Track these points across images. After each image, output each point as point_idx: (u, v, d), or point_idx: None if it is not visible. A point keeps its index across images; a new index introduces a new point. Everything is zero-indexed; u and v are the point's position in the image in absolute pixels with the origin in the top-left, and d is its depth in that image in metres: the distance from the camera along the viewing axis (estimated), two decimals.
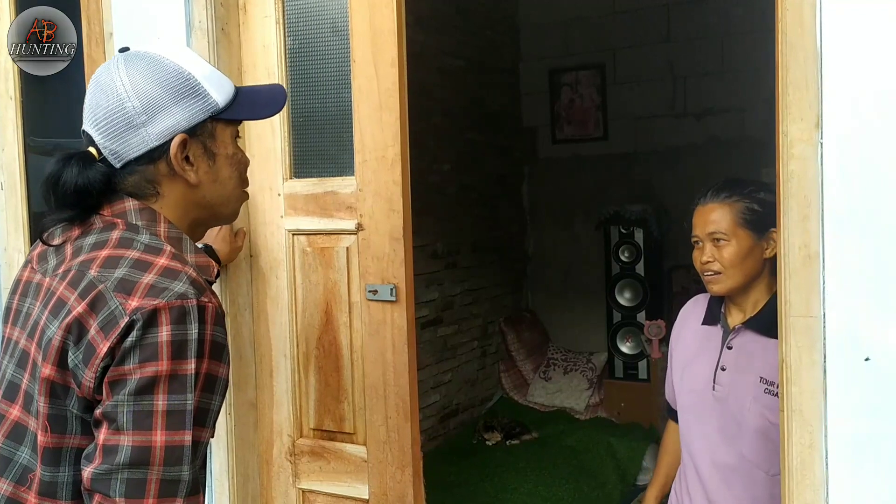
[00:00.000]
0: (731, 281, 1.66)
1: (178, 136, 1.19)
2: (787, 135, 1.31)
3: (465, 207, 4.62)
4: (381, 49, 1.83)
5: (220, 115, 1.24)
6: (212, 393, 1.11)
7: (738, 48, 4.49)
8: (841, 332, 1.29)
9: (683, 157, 4.80)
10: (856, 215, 1.27)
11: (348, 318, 1.95)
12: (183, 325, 1.07)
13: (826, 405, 1.30)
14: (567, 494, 3.76)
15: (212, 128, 1.24)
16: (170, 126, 1.18)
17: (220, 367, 1.12)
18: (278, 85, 1.43)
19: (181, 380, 1.06)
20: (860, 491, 1.29)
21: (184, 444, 1.06)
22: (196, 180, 1.22)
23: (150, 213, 1.21)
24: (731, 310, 1.74)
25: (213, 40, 1.97)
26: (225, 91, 1.25)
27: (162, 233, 1.20)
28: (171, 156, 1.19)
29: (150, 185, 1.21)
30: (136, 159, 1.19)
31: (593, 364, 4.90)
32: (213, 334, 1.10)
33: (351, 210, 1.91)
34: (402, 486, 1.89)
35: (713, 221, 1.68)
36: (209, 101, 1.22)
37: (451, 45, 4.47)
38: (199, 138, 1.22)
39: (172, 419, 1.06)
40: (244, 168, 1.31)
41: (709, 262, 1.68)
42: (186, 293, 1.09)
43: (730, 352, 1.70)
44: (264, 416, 2.10)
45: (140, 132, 1.17)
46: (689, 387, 1.77)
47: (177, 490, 1.06)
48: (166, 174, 1.21)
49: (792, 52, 1.30)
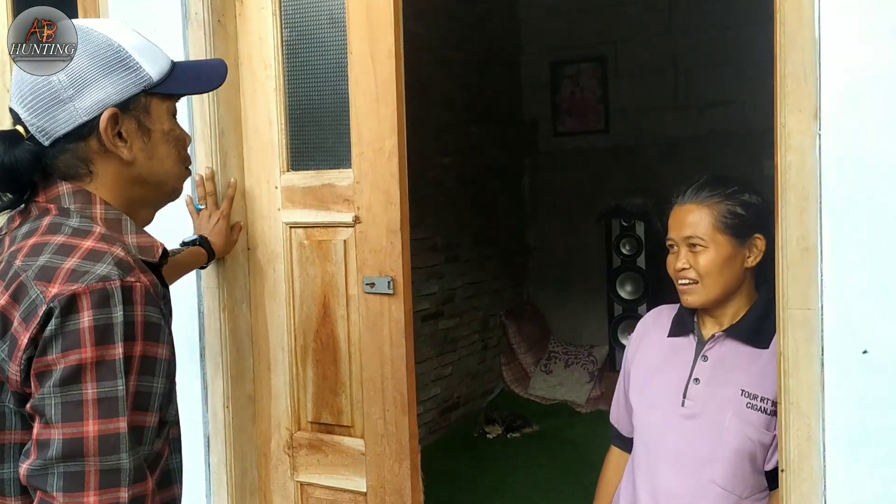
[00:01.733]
0: (708, 292, 1.50)
1: (108, 110, 1.13)
2: (786, 126, 1.30)
3: (465, 200, 4.61)
4: (378, 40, 1.82)
5: (155, 90, 1.18)
6: (152, 375, 1.06)
7: (741, 40, 4.47)
8: (839, 324, 1.28)
9: (685, 150, 4.79)
10: (854, 207, 1.26)
11: (346, 311, 1.94)
12: (106, 308, 1.02)
13: (824, 398, 1.30)
14: (568, 487, 3.76)
15: (146, 102, 1.17)
16: (99, 100, 1.12)
17: (159, 347, 1.07)
18: (219, 60, 1.37)
19: (109, 365, 1.02)
20: (858, 483, 1.28)
21: (119, 432, 1.01)
22: (130, 157, 1.16)
23: (85, 195, 1.15)
24: (706, 320, 1.58)
25: (209, 32, 1.96)
26: (159, 64, 1.19)
27: (98, 215, 1.15)
28: (101, 131, 1.13)
29: (82, 164, 1.15)
30: (66, 136, 1.13)
31: (594, 357, 4.90)
32: (144, 315, 1.05)
33: (348, 203, 1.90)
34: (400, 479, 1.89)
35: (690, 224, 1.51)
36: (141, 74, 1.15)
37: (452, 37, 4.46)
38: (132, 113, 1.16)
39: (104, 407, 1.01)
40: (182, 145, 1.25)
41: (684, 270, 1.52)
42: (109, 275, 1.04)
43: (705, 363, 1.54)
44: (262, 409, 2.09)
45: (67, 107, 1.11)
46: (649, 403, 1.60)
47: (119, 479, 1.02)
48: (98, 151, 1.15)
49: (790, 44, 1.29)
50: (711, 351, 1.55)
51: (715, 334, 1.55)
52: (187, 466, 1.36)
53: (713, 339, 1.55)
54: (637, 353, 1.68)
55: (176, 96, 1.23)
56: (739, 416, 1.47)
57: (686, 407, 1.53)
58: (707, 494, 1.48)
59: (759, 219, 1.48)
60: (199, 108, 1.99)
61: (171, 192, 1.27)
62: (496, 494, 3.69)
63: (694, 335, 1.59)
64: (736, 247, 1.50)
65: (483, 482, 3.80)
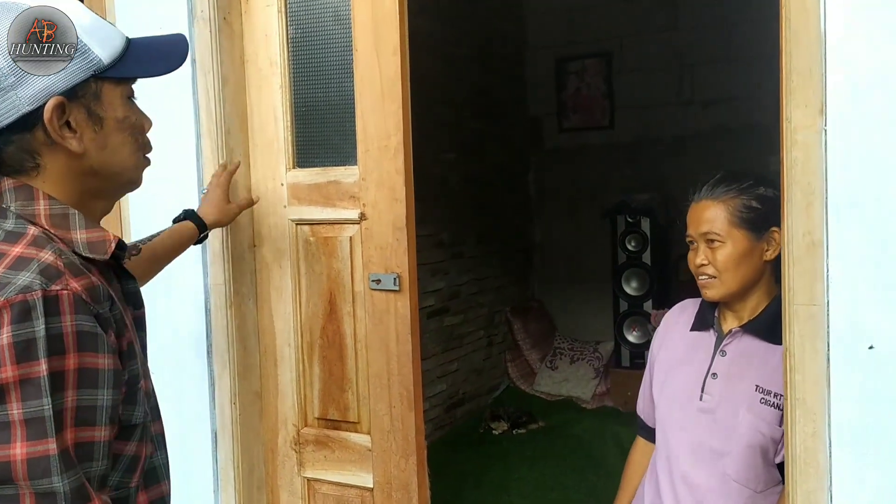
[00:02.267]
0: (727, 286, 1.53)
1: (53, 98, 1.04)
2: (791, 121, 1.30)
3: (470, 197, 4.61)
4: (384, 38, 1.82)
5: (106, 74, 1.09)
6: (95, 388, 0.99)
7: (746, 35, 4.45)
8: (845, 320, 1.28)
9: (690, 146, 4.78)
10: (859, 202, 1.26)
11: (352, 307, 1.95)
12: (27, 322, 0.94)
13: (830, 393, 1.30)
14: (574, 483, 3.76)
15: (96, 88, 1.09)
16: (43, 88, 1.03)
17: (99, 357, 0.99)
18: (180, 34, 1.26)
19: (34, 383, 0.94)
20: (863, 478, 1.28)
21: (48, 454, 0.94)
22: (79, 148, 1.08)
23: (27, 191, 1.07)
24: (726, 315, 1.61)
25: (215, 29, 1.97)
26: (111, 46, 1.09)
27: (41, 212, 1.07)
28: (45, 122, 1.04)
29: (28, 157, 1.07)
30: (10, 127, 1.04)
31: (600, 353, 4.90)
32: (75, 325, 0.97)
33: (354, 199, 1.90)
34: (407, 474, 1.90)
35: (707, 220, 1.54)
36: (90, 57, 1.07)
37: (456, 33, 4.45)
38: (81, 101, 1.07)
39: (31, 428, 0.94)
40: (139, 131, 1.16)
41: (703, 265, 1.55)
42: (31, 285, 0.96)
43: (723, 358, 1.56)
44: (269, 405, 2.10)
45: (9, 96, 1.03)
46: (670, 396, 1.63)
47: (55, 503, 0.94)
48: (46, 143, 1.06)
49: (795, 39, 1.29)
50: (730, 346, 1.57)
51: (732, 329, 1.56)
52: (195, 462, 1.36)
53: (731, 334, 1.57)
54: (661, 346, 1.72)
55: (131, 79, 1.14)
56: (752, 411, 1.49)
57: (703, 401, 1.55)
58: (722, 487, 1.51)
59: (776, 212, 1.48)
60: (204, 105, 2.00)
61: (127, 183, 1.19)
62: (502, 490, 3.69)
63: (714, 330, 1.61)
64: (753, 241, 1.51)
65: (488, 478, 3.81)
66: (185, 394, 2.07)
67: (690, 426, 1.56)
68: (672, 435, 1.60)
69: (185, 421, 2.04)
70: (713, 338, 1.60)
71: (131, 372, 1.09)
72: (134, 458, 1.10)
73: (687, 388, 1.59)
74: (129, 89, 1.15)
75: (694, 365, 1.60)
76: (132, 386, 1.09)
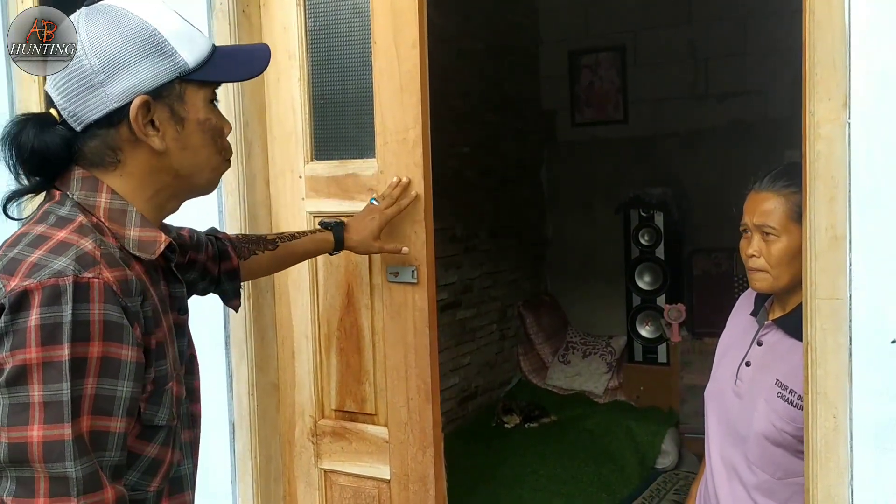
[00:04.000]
0: (776, 280, 1.52)
1: (140, 97, 1.08)
2: (815, 115, 1.29)
3: (484, 191, 4.61)
4: (402, 30, 1.82)
5: (190, 76, 1.13)
6: (115, 378, 1.00)
7: (761, 29, 4.43)
8: (867, 314, 1.28)
9: (705, 140, 4.76)
10: (883, 196, 1.25)
11: (370, 300, 1.95)
12: (56, 306, 0.97)
13: (851, 388, 1.29)
14: (586, 477, 3.77)
15: (180, 90, 1.13)
16: (131, 86, 1.08)
17: (123, 348, 1.01)
18: (263, 45, 1.31)
19: (56, 367, 0.96)
20: (885, 473, 1.28)
21: (63, 439, 0.95)
22: (161, 146, 1.12)
23: (92, 182, 1.11)
24: (775, 306, 1.61)
25: (233, 22, 1.97)
26: (197, 50, 1.14)
27: (101, 204, 1.10)
28: (131, 119, 1.08)
29: (111, 152, 1.11)
30: (97, 122, 1.09)
31: (612, 348, 4.89)
32: (102, 314, 0.99)
33: (372, 192, 1.91)
34: (424, 466, 1.90)
35: (765, 212, 1.51)
36: (177, 60, 1.11)
37: (471, 27, 4.45)
38: (165, 101, 1.11)
39: (49, 412, 0.96)
40: (219, 134, 1.19)
41: (754, 257, 1.54)
42: (65, 270, 0.98)
43: (759, 348, 1.59)
44: (286, 396, 2.11)
45: (98, 93, 1.07)
46: (717, 375, 1.70)
47: (67, 489, 0.96)
48: (129, 139, 1.11)
49: (819, 31, 1.29)
50: (766, 337, 1.59)
51: (768, 322, 1.59)
52: (213, 453, 1.36)
53: (766, 326, 1.60)
54: (727, 327, 1.77)
55: (214, 83, 1.18)
56: (770, 403, 1.52)
57: (737, 386, 1.61)
58: (747, 469, 1.57)
59: None
60: (223, 97, 1.98)
61: (205, 185, 1.22)
62: (514, 484, 3.70)
63: (758, 319, 1.63)
64: None
65: (501, 472, 3.82)
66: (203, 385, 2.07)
67: (727, 406, 1.62)
68: (712, 412, 1.67)
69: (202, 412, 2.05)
70: (756, 326, 1.63)
71: (159, 372, 1.10)
72: (155, 461, 1.11)
73: (730, 369, 1.64)
74: (212, 93, 1.18)
75: (738, 350, 1.64)
76: (159, 386, 1.10)
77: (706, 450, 1.72)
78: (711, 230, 4.66)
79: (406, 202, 1.82)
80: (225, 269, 1.60)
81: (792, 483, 1.50)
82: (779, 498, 1.54)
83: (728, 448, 1.62)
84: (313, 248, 1.77)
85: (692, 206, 4.80)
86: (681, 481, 3.98)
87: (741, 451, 1.58)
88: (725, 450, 1.63)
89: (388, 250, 1.82)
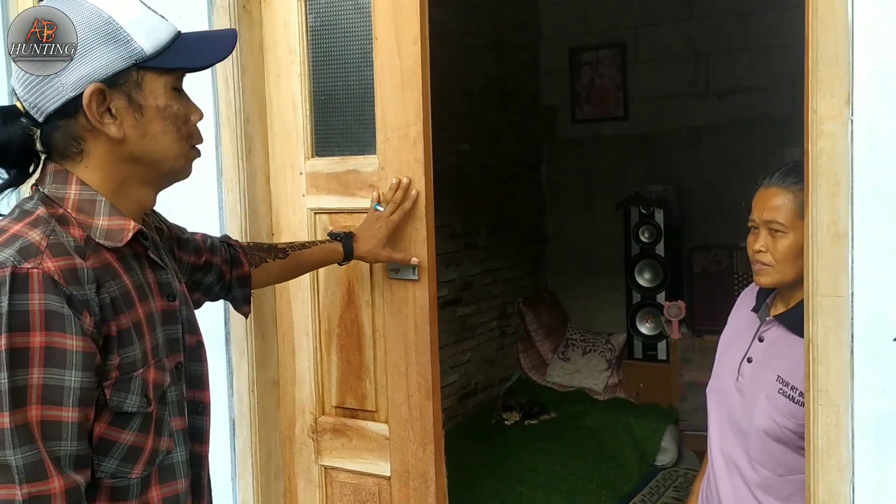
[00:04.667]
0: (781, 276, 1.53)
1: (93, 85, 1.08)
2: (817, 111, 1.29)
3: (484, 187, 4.61)
4: (404, 26, 1.81)
5: (147, 63, 1.12)
6: (62, 368, 1.01)
7: (762, 26, 4.43)
8: (869, 311, 1.27)
9: (705, 137, 4.76)
10: (886, 193, 1.25)
11: (370, 296, 1.95)
12: None
13: (853, 385, 1.29)
14: (585, 474, 3.77)
15: (138, 77, 1.12)
16: (84, 75, 1.08)
17: (67, 338, 1.01)
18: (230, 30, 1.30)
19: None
20: (886, 471, 1.28)
21: (3, 428, 0.97)
22: (118, 134, 1.12)
23: (63, 175, 1.12)
24: (778, 302, 1.62)
25: (234, 17, 1.97)
26: (156, 37, 1.13)
27: (70, 196, 1.11)
28: (84, 107, 1.09)
29: (74, 143, 1.12)
30: (56, 113, 1.10)
31: (612, 345, 4.90)
32: (43, 304, 1.00)
33: (373, 189, 1.90)
34: (424, 463, 1.90)
35: (773, 208, 1.51)
36: (132, 47, 1.10)
37: (471, 23, 4.44)
38: (122, 88, 1.11)
39: None
40: (182, 122, 1.18)
41: (761, 252, 1.54)
42: (5, 262, 1.00)
43: (760, 344, 1.60)
44: (286, 393, 2.11)
45: (54, 82, 1.08)
46: (718, 371, 1.71)
47: (10, 476, 0.97)
48: (88, 129, 1.11)
49: (822, 27, 1.28)
50: (767, 333, 1.60)
51: (769, 318, 1.59)
52: (213, 449, 1.37)
53: (767, 322, 1.60)
54: (728, 322, 1.77)
55: (175, 70, 1.17)
56: (771, 399, 1.53)
57: (738, 382, 1.61)
58: (748, 464, 1.58)
59: None
60: (223, 93, 2.00)
61: (170, 172, 1.21)
62: (514, 480, 3.70)
63: (759, 315, 1.64)
64: None
65: (501, 468, 3.82)
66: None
67: (729, 402, 1.63)
68: (715, 408, 1.68)
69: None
70: (758, 322, 1.64)
71: (124, 359, 1.10)
72: (133, 448, 1.11)
73: (732, 365, 1.64)
74: (175, 80, 1.17)
75: (739, 346, 1.65)
76: (124, 373, 1.10)
77: (708, 446, 1.73)
78: (711, 227, 4.67)
79: (409, 205, 1.81)
80: (236, 276, 1.63)
81: (793, 480, 1.51)
82: (780, 494, 1.55)
83: (729, 444, 1.63)
84: (322, 258, 1.79)
85: (692, 204, 4.80)
86: (680, 478, 3.98)
87: (742, 448, 1.59)
88: (727, 446, 1.63)
89: (398, 260, 1.83)
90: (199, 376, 1.31)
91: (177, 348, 1.24)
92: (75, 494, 1.02)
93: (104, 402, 1.07)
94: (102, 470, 1.08)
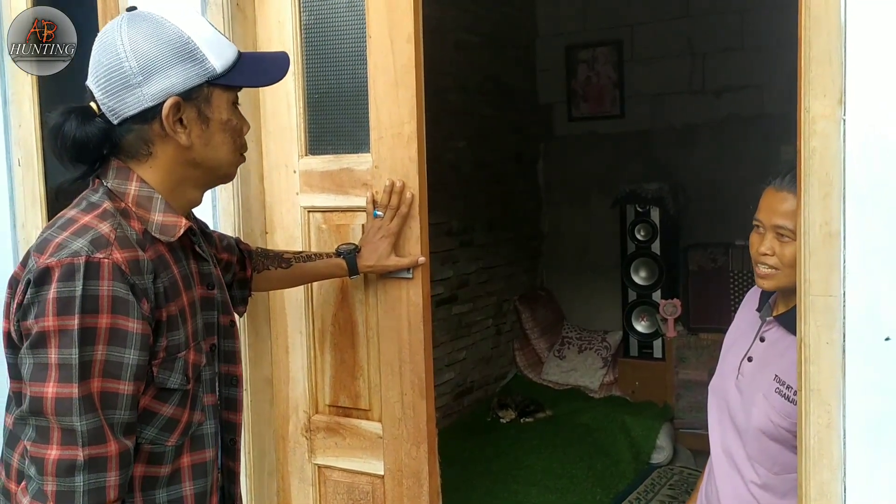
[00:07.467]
0: (786, 280, 1.51)
1: (172, 98, 1.22)
2: (810, 111, 1.29)
3: (480, 185, 4.61)
4: (397, 24, 1.81)
5: (217, 81, 1.26)
6: (123, 347, 1.14)
7: (758, 24, 4.43)
8: (861, 311, 1.27)
9: (701, 135, 4.76)
10: (878, 193, 1.25)
11: (364, 295, 1.95)
12: (70, 281, 1.11)
13: (845, 385, 1.29)
14: (581, 472, 3.78)
15: (208, 92, 1.26)
16: (164, 88, 1.21)
17: (129, 321, 1.15)
18: (283, 52, 1.44)
19: (69, 335, 1.10)
20: (878, 471, 1.28)
21: (72, 397, 1.11)
22: (187, 142, 1.26)
23: (125, 172, 1.26)
24: (779, 302, 1.62)
25: (228, 15, 1.96)
26: (225, 57, 1.27)
27: (130, 192, 1.25)
28: (162, 117, 1.22)
29: (144, 145, 1.25)
30: (132, 118, 1.22)
31: (608, 343, 4.90)
32: (111, 289, 1.13)
33: (367, 187, 1.90)
34: (418, 462, 1.90)
35: (782, 213, 1.49)
36: (206, 65, 1.24)
37: (467, 20, 4.44)
38: (193, 102, 1.25)
39: (62, 372, 1.11)
40: (238, 134, 1.34)
41: (766, 255, 1.52)
42: (80, 250, 1.13)
43: (760, 344, 1.61)
44: (280, 392, 2.11)
45: (136, 92, 1.21)
46: (720, 371, 1.72)
47: (75, 439, 1.11)
48: (160, 134, 1.24)
49: (815, 27, 1.28)
50: (768, 333, 1.61)
51: (769, 318, 1.61)
52: None
53: (768, 322, 1.61)
54: (733, 323, 1.78)
55: (238, 87, 1.32)
56: (768, 398, 1.54)
57: (738, 381, 1.63)
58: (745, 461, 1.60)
59: None
60: None
61: (223, 177, 1.37)
62: (509, 478, 3.71)
63: (761, 315, 1.65)
64: None
65: (496, 466, 3.82)
66: None
67: (729, 400, 1.64)
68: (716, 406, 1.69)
69: None
70: (760, 323, 1.65)
71: (171, 342, 1.24)
72: (171, 420, 1.25)
73: (733, 364, 1.66)
74: (235, 96, 1.33)
75: (743, 344, 1.66)
76: (171, 354, 1.24)
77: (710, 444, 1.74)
78: (707, 225, 4.67)
79: (406, 209, 1.82)
80: (239, 277, 1.72)
81: (790, 479, 1.50)
82: (777, 493, 1.56)
83: (729, 442, 1.64)
84: (326, 271, 1.84)
85: (688, 202, 4.80)
86: (675, 476, 3.99)
87: (741, 446, 1.60)
88: (727, 443, 1.65)
89: (405, 266, 1.83)
90: (233, 352, 1.45)
91: (212, 331, 1.38)
92: (126, 457, 1.17)
93: (151, 379, 1.22)
94: (144, 437, 1.23)
